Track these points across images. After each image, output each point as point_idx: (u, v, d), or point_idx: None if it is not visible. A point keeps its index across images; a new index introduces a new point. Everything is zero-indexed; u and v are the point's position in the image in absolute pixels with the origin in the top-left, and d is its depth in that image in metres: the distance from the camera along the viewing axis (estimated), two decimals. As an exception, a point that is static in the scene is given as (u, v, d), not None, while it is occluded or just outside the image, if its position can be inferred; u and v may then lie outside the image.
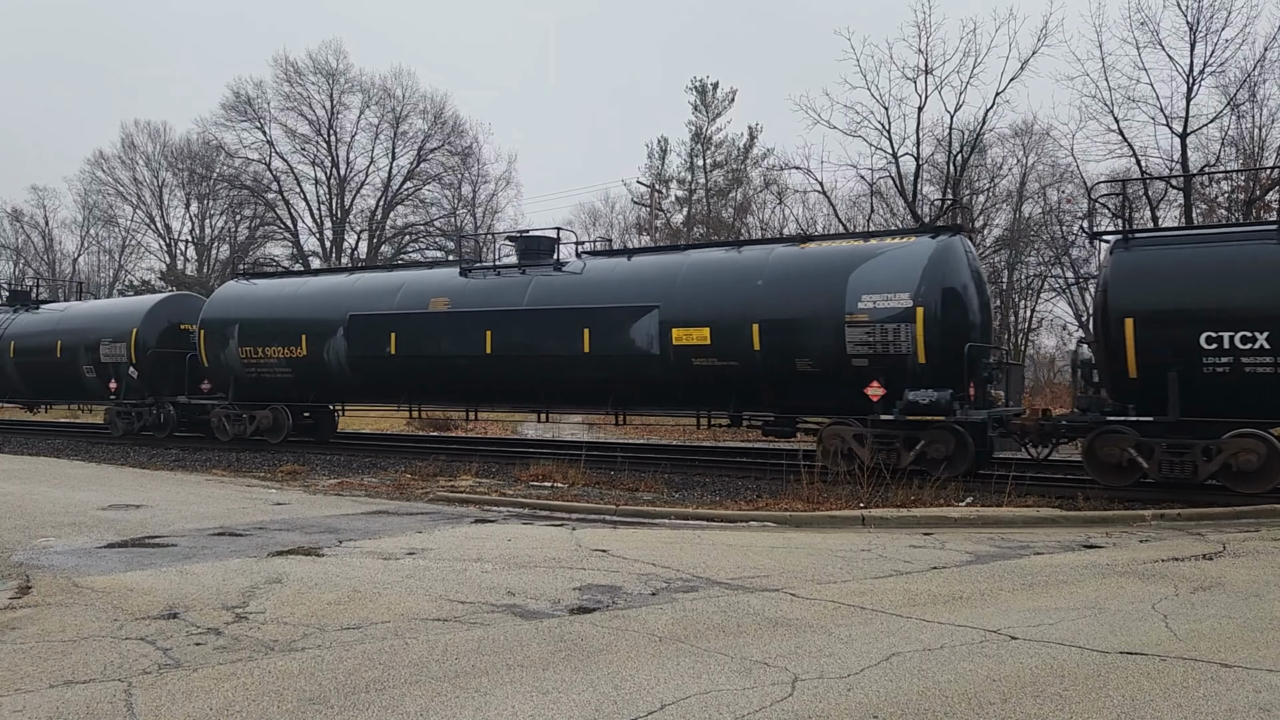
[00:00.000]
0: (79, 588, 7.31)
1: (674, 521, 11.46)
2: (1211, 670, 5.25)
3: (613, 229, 57.59)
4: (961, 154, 34.11)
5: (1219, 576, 7.82)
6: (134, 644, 5.78)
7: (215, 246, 63.06)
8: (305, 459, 18.86)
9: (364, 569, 8.11)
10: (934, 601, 6.97)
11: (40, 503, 12.34)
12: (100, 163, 62.68)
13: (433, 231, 59.95)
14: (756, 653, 5.62)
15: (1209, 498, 12.36)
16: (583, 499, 13.20)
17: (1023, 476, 13.24)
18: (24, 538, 9.59)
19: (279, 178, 58.37)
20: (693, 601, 6.97)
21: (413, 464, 17.45)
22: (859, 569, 8.22)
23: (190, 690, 4.94)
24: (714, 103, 57.06)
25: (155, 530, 10.18)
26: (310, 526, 10.55)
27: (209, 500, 12.90)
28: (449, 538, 9.90)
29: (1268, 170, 28.63)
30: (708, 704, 4.74)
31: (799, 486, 12.78)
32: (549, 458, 17.59)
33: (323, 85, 57.53)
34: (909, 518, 11.00)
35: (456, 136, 58.76)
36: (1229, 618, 6.45)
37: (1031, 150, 41.83)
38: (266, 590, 7.23)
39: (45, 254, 70.47)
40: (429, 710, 4.66)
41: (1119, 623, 6.31)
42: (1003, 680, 5.10)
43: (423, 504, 12.93)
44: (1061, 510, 11.50)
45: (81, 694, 4.88)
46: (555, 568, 8.21)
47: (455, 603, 6.89)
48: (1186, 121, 28.57)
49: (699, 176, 57.19)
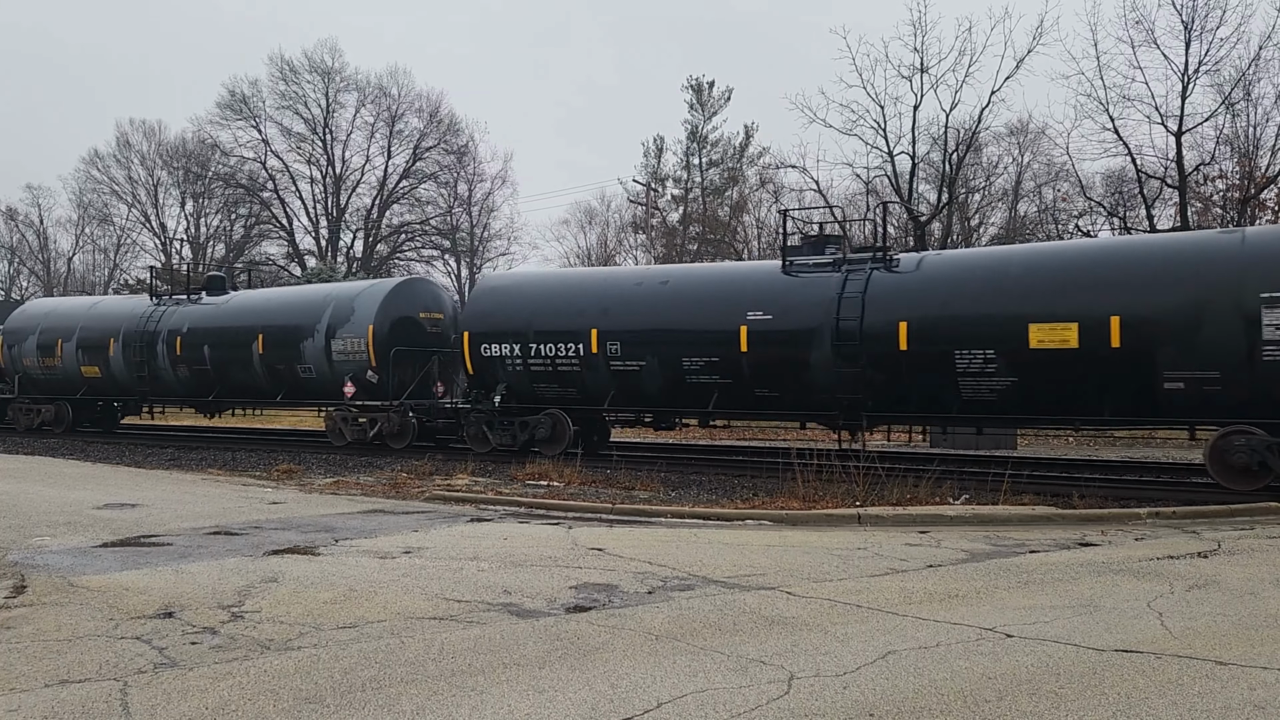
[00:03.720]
0: (74, 587, 7.30)
1: (670, 520, 11.46)
2: (1207, 668, 5.26)
3: (609, 228, 57.63)
4: (957, 152, 34.13)
5: (1214, 574, 7.83)
6: (129, 643, 5.77)
7: (210, 245, 62.95)
8: (301, 458, 18.84)
9: (360, 568, 8.11)
10: (930, 599, 6.98)
11: (35, 502, 12.32)
12: (95, 161, 62.56)
13: (428, 230, 59.92)
14: (753, 651, 5.63)
15: (1205, 495, 12.39)
16: (579, 498, 13.20)
17: (1018, 475, 13.25)
18: (19, 537, 9.57)
19: (274, 176, 58.32)
20: (689, 600, 6.97)
21: (409, 463, 17.44)
22: (855, 567, 8.23)
23: (186, 689, 4.93)
24: (710, 101, 57.09)
25: (151, 529, 10.17)
26: (306, 525, 10.54)
27: (204, 499, 12.88)
28: (445, 537, 9.90)
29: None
30: (704, 702, 4.74)
31: (795, 485, 12.79)
32: (546, 456, 17.61)
33: (318, 84, 57.50)
34: (905, 516, 11.01)
35: (452, 135, 58.75)
36: (1224, 615, 6.46)
37: (1027, 149, 41.98)
38: (262, 589, 7.22)
39: (40, 253, 70.33)
40: (425, 709, 4.66)
41: (1114, 621, 6.32)
42: (998, 678, 5.10)
43: (419, 503, 12.92)
44: (1057, 508, 11.51)
45: (77, 693, 4.87)
46: (551, 566, 8.21)
47: (451, 601, 6.88)
48: (1181, 120, 28.62)
49: (695, 175, 57.24)
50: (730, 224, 48.33)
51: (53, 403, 26.18)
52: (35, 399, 26.64)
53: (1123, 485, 13.75)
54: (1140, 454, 19.87)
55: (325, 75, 57.40)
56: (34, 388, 26.66)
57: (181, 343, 23.12)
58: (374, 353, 20.04)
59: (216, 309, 23.38)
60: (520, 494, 13.52)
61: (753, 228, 46.64)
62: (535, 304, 18.25)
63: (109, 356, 24.61)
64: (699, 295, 16.79)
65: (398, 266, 58.94)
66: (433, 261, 61.08)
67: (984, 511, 11.23)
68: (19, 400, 26.96)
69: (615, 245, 57.03)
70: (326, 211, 58.71)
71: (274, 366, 21.79)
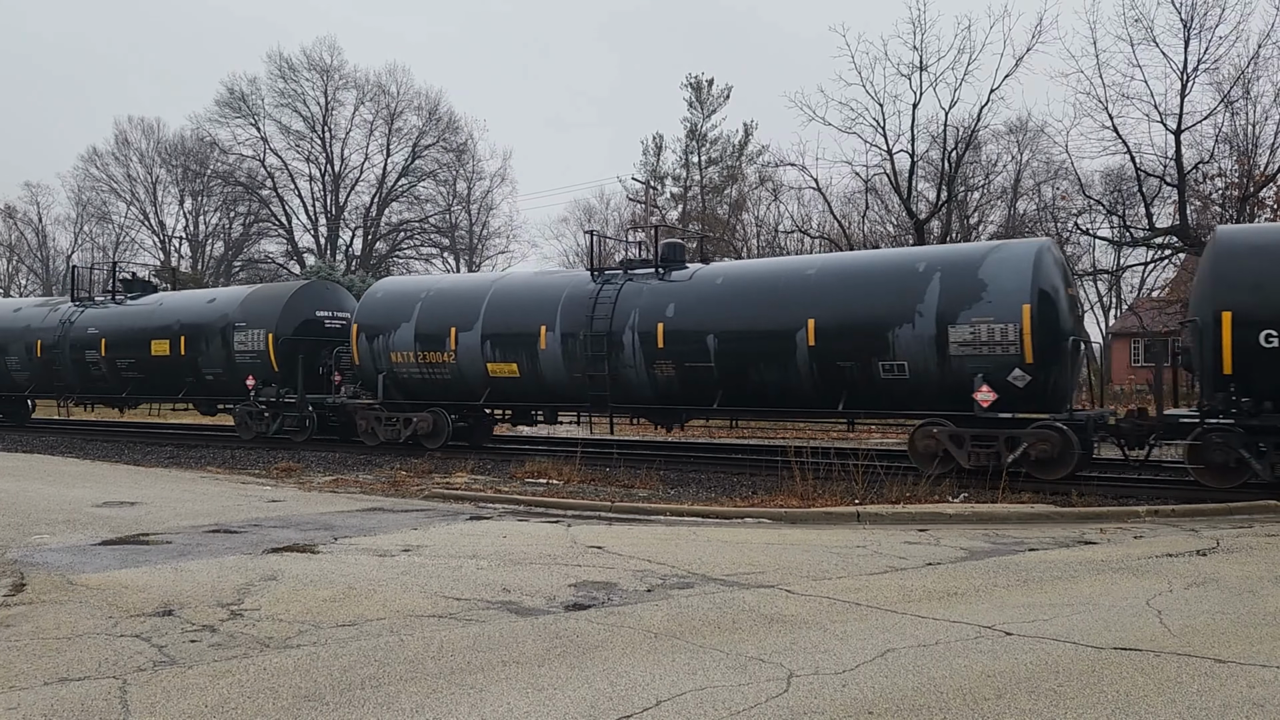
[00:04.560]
0: (74, 585, 7.30)
1: (669, 518, 11.46)
2: (1206, 666, 5.27)
3: (608, 226, 57.60)
4: (956, 151, 34.14)
5: (1213, 572, 7.84)
6: (129, 641, 5.77)
7: (209, 243, 62.99)
8: (300, 456, 18.85)
9: (359, 566, 8.11)
10: (929, 598, 6.99)
11: (34, 500, 12.31)
12: (94, 159, 62.59)
13: (427, 228, 59.94)
14: (752, 649, 5.63)
15: (1204, 494, 12.39)
16: (578, 496, 13.20)
17: (1018, 473, 13.26)
18: (18, 535, 9.57)
19: (273, 174, 58.40)
20: (688, 598, 6.97)
21: (408, 461, 17.44)
22: (854, 565, 8.23)
23: (185, 687, 4.94)
24: (709, 99, 57.10)
25: (150, 527, 10.17)
26: (305, 524, 10.54)
27: (204, 497, 12.88)
28: (444, 535, 9.90)
29: None
30: (703, 700, 4.74)
31: (794, 483, 12.79)
32: (544, 455, 17.62)
33: (317, 82, 57.55)
34: (904, 514, 11.02)
35: (451, 133, 58.84)
36: (1223, 613, 6.47)
37: (1026, 147, 41.98)
38: (262, 587, 7.23)
39: (39, 250, 70.28)
40: (424, 707, 4.66)
41: (1113, 618, 6.32)
42: (998, 676, 5.11)
43: (418, 501, 12.92)
44: (1056, 506, 11.52)
45: (76, 691, 4.88)
46: (551, 564, 8.21)
47: (451, 599, 6.88)
48: (1181, 118, 28.59)
49: (694, 173, 57.25)
50: (729, 222, 48.33)
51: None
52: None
53: (1122, 483, 13.74)
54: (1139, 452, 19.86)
55: (324, 73, 57.49)
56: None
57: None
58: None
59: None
60: (519, 492, 13.53)
61: (752, 226, 46.65)
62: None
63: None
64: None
65: (397, 264, 58.97)
66: (431, 259, 61.14)
67: (983, 509, 11.24)
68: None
69: (615, 243, 57.06)
70: (325, 209, 58.78)
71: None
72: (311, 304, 22.05)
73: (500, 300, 18.52)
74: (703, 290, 16.43)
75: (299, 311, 21.66)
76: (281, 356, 21.09)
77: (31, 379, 26.19)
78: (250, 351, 21.51)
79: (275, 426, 21.34)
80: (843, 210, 40.82)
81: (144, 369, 23.39)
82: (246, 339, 21.59)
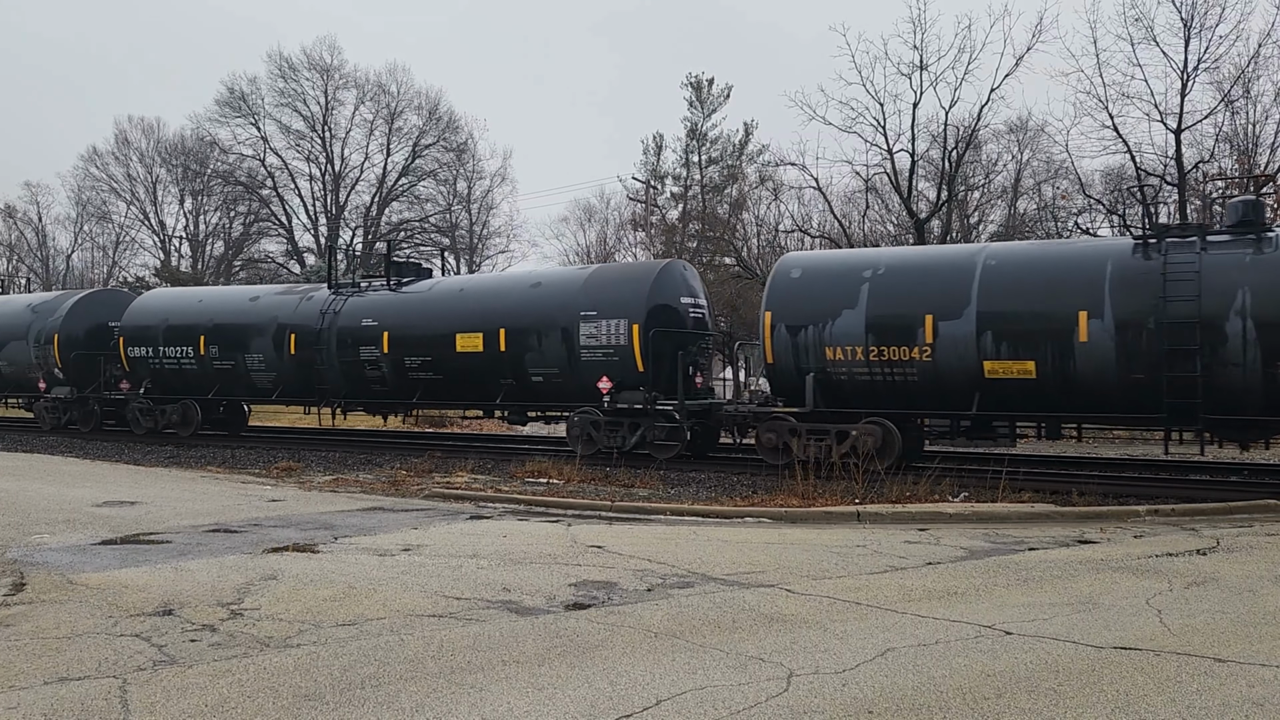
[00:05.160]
0: (74, 584, 7.30)
1: (669, 518, 11.46)
2: (1205, 665, 5.27)
3: (608, 225, 57.61)
4: (956, 150, 34.11)
5: (1213, 572, 7.84)
6: (129, 641, 5.77)
7: (210, 243, 62.94)
8: (300, 455, 18.85)
9: (359, 565, 8.11)
10: (929, 597, 6.99)
11: (34, 499, 12.31)
12: (94, 158, 62.44)
13: (427, 228, 59.89)
14: (752, 648, 5.63)
15: (1204, 493, 12.39)
16: (578, 495, 13.21)
17: (1016, 472, 13.25)
18: (18, 534, 9.57)
19: (273, 174, 58.28)
20: (688, 598, 6.97)
21: (408, 460, 17.44)
22: (854, 565, 8.23)
23: (185, 687, 4.94)
24: (709, 99, 56.99)
25: (150, 527, 10.17)
26: (305, 523, 10.54)
27: (204, 497, 12.88)
28: (444, 534, 9.90)
29: None
30: (703, 700, 4.74)
31: (794, 483, 12.79)
32: (544, 454, 17.61)
33: (317, 81, 57.41)
34: (904, 513, 11.02)
35: (451, 133, 58.69)
36: (1223, 613, 6.47)
37: (1026, 146, 41.89)
38: (262, 587, 7.23)
39: (39, 250, 70.22)
40: (424, 706, 4.66)
41: (1113, 618, 6.33)
42: (997, 675, 5.11)
43: (418, 500, 12.93)
44: (1056, 506, 11.52)
45: (76, 691, 4.88)
46: (551, 564, 8.22)
47: (451, 599, 6.89)
48: (1181, 118, 28.54)
49: (694, 173, 57.17)
50: (729, 221, 48.24)
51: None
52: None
53: (1121, 483, 13.75)
54: (1139, 451, 19.88)
55: (324, 73, 57.34)
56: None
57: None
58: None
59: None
60: (519, 491, 13.53)
61: (752, 225, 46.53)
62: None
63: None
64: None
65: (396, 263, 58.68)
66: (431, 259, 61.05)
67: (983, 509, 11.24)
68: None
69: (615, 242, 57.00)
70: (326, 209, 58.68)
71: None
72: (673, 289, 18.00)
73: (1007, 274, 14.33)
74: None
75: (660, 297, 17.62)
76: (649, 353, 16.96)
77: (279, 380, 21.59)
78: (604, 347, 17.38)
79: (633, 440, 17.17)
80: (843, 210, 40.74)
81: (443, 369, 19.15)
82: (598, 331, 17.42)
